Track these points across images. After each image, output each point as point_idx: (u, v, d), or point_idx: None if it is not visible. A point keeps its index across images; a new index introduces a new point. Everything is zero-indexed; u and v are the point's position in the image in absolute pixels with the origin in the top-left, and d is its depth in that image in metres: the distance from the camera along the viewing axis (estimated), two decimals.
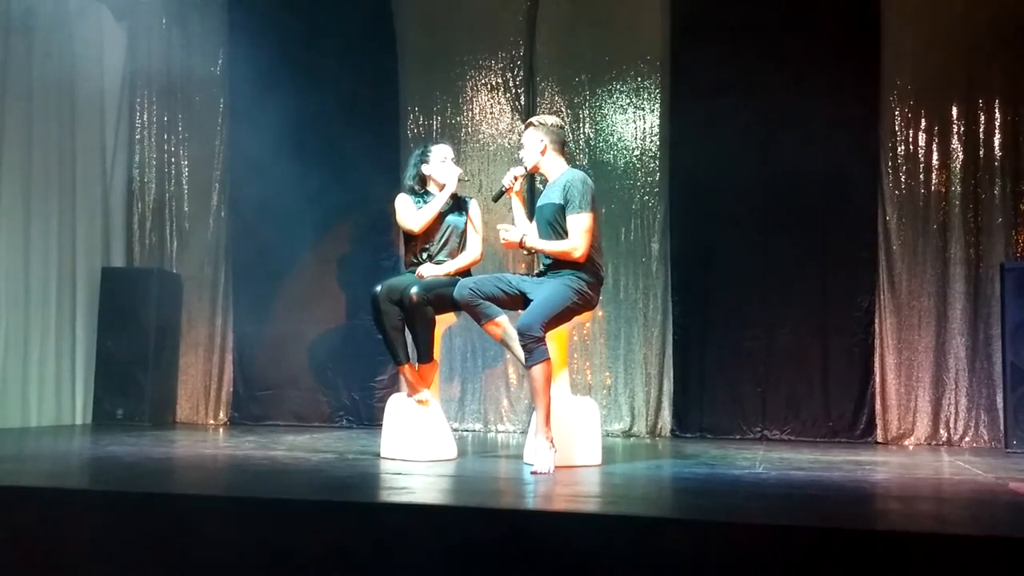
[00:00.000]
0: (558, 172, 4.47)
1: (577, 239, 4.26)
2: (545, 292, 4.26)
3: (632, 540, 2.80)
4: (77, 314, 6.73)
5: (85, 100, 6.84)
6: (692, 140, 6.55)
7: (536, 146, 4.46)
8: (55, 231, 6.54)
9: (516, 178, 4.55)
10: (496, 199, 4.68)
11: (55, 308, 6.53)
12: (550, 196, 4.41)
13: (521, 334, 4.14)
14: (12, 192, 6.19)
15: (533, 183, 6.35)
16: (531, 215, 4.69)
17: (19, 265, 6.24)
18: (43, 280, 6.44)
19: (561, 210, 4.33)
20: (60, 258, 6.59)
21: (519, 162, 4.59)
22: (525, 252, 4.54)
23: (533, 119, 4.57)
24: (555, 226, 4.35)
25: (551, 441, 4.17)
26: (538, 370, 4.14)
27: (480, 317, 4.38)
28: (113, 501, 3.25)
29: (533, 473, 4.06)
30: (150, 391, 6.68)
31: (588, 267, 4.35)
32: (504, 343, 4.45)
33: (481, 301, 4.33)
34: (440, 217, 4.86)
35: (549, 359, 4.17)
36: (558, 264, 4.34)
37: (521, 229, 4.42)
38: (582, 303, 4.32)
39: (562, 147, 4.51)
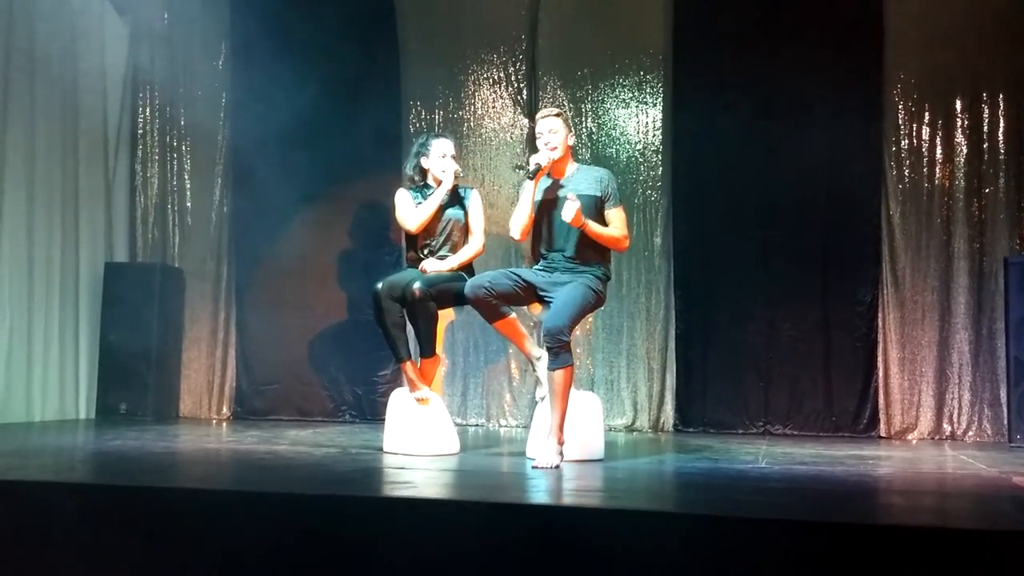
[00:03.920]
0: (568, 166, 4.53)
1: (625, 230, 4.45)
2: (567, 293, 4.25)
3: (634, 534, 2.80)
4: (80, 309, 6.73)
5: (87, 94, 6.83)
6: (695, 134, 6.54)
7: (564, 135, 4.49)
8: (58, 226, 6.54)
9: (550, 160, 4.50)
10: (532, 176, 4.50)
11: (58, 303, 6.53)
12: (581, 188, 4.40)
13: (551, 336, 4.13)
14: (15, 187, 6.19)
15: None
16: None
17: (23, 260, 6.24)
18: (46, 275, 6.44)
19: (599, 203, 4.39)
20: (63, 253, 6.58)
21: (526, 151, 4.62)
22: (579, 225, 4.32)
23: (561, 111, 4.61)
24: (589, 217, 4.36)
25: (562, 445, 4.17)
26: (562, 374, 4.15)
27: (495, 315, 4.40)
28: (116, 495, 3.26)
29: (535, 467, 4.06)
30: (153, 386, 6.68)
31: (606, 263, 4.46)
32: (517, 343, 4.51)
33: (495, 300, 4.34)
34: (440, 211, 4.85)
35: (573, 364, 4.19)
36: (579, 257, 4.37)
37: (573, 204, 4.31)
38: (597, 302, 4.39)
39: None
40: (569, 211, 4.25)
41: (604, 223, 4.43)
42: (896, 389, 6.25)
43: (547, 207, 4.47)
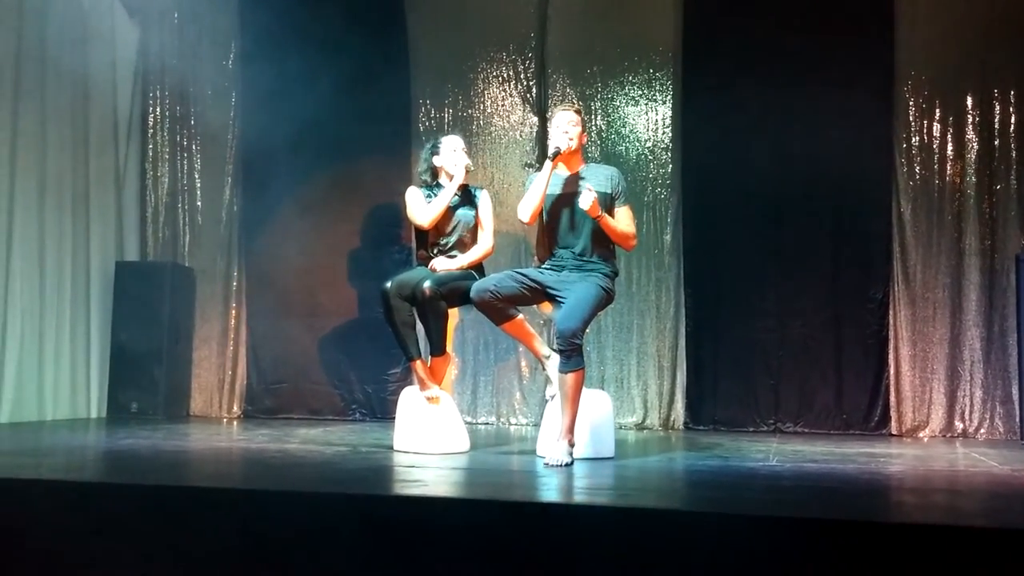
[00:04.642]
0: (578, 162, 4.53)
1: (633, 228, 4.47)
2: (579, 294, 4.25)
3: (645, 533, 2.79)
4: (91, 308, 6.77)
5: (98, 94, 6.86)
6: (705, 132, 6.53)
7: (580, 131, 4.49)
8: (69, 225, 6.57)
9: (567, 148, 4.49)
10: (552, 158, 4.47)
11: (70, 302, 6.56)
12: (592, 185, 4.36)
13: (564, 339, 4.11)
14: (27, 187, 6.22)
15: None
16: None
17: (34, 260, 6.27)
18: (58, 274, 6.47)
19: (609, 199, 4.40)
20: (74, 252, 6.62)
21: (536, 148, 4.61)
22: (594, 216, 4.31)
23: (580, 108, 4.63)
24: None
25: (572, 447, 4.17)
26: (573, 378, 4.14)
27: (502, 318, 4.39)
28: (128, 494, 3.27)
29: (545, 465, 4.06)
30: (164, 384, 6.71)
31: (613, 262, 4.46)
32: (526, 343, 4.52)
33: (501, 303, 4.33)
34: (451, 210, 4.85)
35: (584, 368, 4.19)
36: (588, 254, 4.37)
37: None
38: (607, 299, 4.39)
39: None
40: (586, 200, 4.24)
41: None
42: (907, 387, 6.23)
43: (556, 203, 4.46)
